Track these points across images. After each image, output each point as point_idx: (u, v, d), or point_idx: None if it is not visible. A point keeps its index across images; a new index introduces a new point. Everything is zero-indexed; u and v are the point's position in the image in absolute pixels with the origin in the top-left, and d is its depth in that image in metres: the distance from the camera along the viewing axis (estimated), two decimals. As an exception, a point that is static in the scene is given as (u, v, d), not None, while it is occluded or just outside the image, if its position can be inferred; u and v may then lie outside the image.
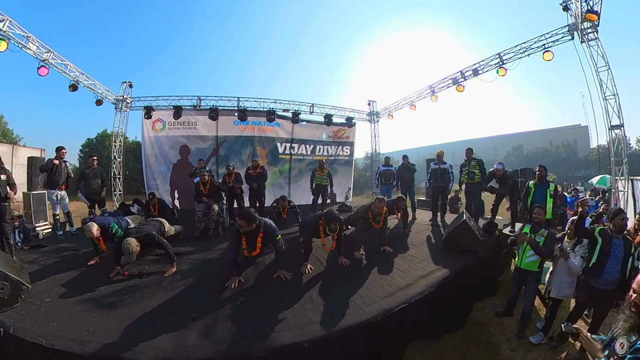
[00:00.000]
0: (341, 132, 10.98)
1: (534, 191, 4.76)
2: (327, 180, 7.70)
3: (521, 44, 7.59)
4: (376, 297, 2.93)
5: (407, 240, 4.87)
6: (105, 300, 2.90)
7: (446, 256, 4.02)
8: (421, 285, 3.15)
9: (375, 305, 2.77)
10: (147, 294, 3.03)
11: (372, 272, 3.57)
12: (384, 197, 4.49)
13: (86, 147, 22.53)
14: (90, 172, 6.08)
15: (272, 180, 10.37)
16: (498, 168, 5.54)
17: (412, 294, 2.98)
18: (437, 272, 3.51)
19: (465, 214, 4.54)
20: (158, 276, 3.44)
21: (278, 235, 3.39)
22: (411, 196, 7.06)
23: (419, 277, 3.36)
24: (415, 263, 3.83)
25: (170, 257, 3.62)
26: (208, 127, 9.92)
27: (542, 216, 3.69)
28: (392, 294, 2.99)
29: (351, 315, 2.61)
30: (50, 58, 7.26)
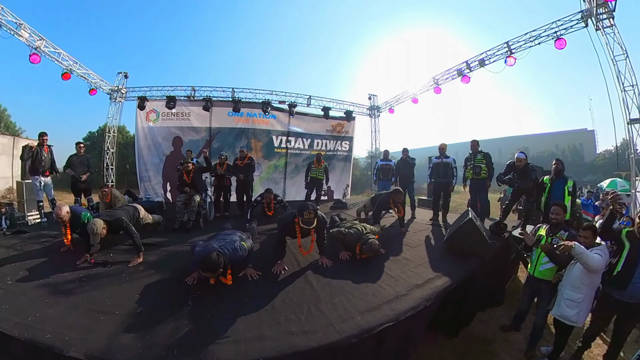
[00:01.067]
0: (340, 127, 10.34)
1: (550, 187, 4.07)
2: (323, 174, 7.18)
3: (531, 32, 6.89)
4: (355, 310, 2.31)
5: (402, 240, 4.20)
6: (62, 286, 2.73)
7: (448, 261, 3.38)
8: (415, 298, 2.51)
9: (352, 322, 2.15)
10: (104, 283, 2.82)
11: (356, 278, 2.94)
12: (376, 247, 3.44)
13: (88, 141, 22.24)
14: (77, 160, 5.90)
15: (266, 174, 9.88)
16: (520, 157, 4.62)
17: (401, 309, 2.34)
18: (436, 280, 2.87)
19: (471, 212, 3.87)
20: (122, 266, 3.19)
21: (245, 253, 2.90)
22: (410, 193, 6.41)
23: (413, 287, 2.72)
24: (411, 268, 3.18)
25: (137, 246, 3.39)
26: (202, 119, 9.47)
27: (562, 215, 3.06)
28: (376, 307, 2.36)
29: (317, 333, 2.02)
30: (42, 46, 7.01)
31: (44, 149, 5.38)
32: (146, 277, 2.97)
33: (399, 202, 4.58)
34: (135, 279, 2.90)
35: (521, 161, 4.58)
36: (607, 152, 37.18)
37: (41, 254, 3.53)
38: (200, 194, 5.34)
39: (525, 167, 4.60)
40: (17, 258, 3.36)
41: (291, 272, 3.06)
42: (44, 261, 3.32)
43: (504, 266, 4.08)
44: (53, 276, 2.90)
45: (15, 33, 6.49)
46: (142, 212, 4.26)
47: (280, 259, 3.15)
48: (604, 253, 2.59)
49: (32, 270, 3.07)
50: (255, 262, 3.05)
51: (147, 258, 3.40)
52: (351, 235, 3.57)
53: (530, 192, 4.63)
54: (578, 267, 2.60)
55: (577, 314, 2.60)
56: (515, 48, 7.02)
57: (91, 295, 2.56)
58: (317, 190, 7.24)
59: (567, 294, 2.66)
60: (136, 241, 3.40)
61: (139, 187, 9.61)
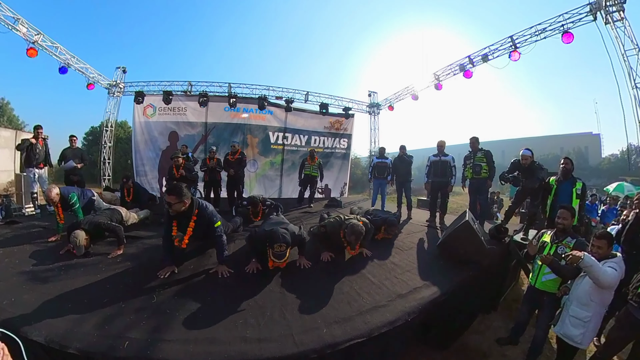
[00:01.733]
0: (338, 124, 9.97)
1: (557, 189, 3.65)
2: (317, 171, 6.84)
3: (536, 26, 6.45)
4: (322, 321, 1.99)
5: (393, 242, 3.84)
6: (41, 275, 2.74)
7: (440, 268, 3.00)
8: (394, 311, 2.15)
9: (315, 333, 1.86)
10: (80, 272, 2.81)
11: (333, 283, 2.60)
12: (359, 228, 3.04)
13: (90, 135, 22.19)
14: (70, 152, 5.88)
15: (263, 171, 9.59)
16: (525, 154, 4.07)
17: (376, 322, 1.99)
18: (423, 290, 2.50)
19: (469, 214, 3.49)
20: (102, 257, 3.16)
21: (217, 222, 2.86)
22: (407, 192, 6.04)
23: (395, 297, 2.36)
24: (397, 274, 2.81)
25: (119, 239, 3.41)
26: (198, 114, 9.25)
27: (569, 220, 2.66)
28: (347, 319, 2.03)
29: (272, 343, 1.81)
30: (40, 40, 6.98)
31: (39, 142, 5.41)
32: (121, 268, 2.93)
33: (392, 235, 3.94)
34: (110, 270, 2.86)
35: (527, 159, 4.06)
36: (613, 156, 36.31)
37: (29, 243, 3.57)
38: (189, 188, 5.19)
39: (531, 165, 4.07)
40: (6, 246, 3.39)
41: (264, 272, 2.78)
42: (31, 250, 3.34)
43: (503, 274, 3.68)
44: (36, 265, 2.94)
45: (13, 28, 6.45)
46: (124, 214, 4.17)
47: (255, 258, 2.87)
48: (620, 267, 2.19)
49: (18, 258, 3.11)
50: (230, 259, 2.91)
51: (127, 250, 3.35)
52: (332, 224, 3.24)
53: (536, 194, 4.15)
54: (587, 281, 2.21)
55: (582, 335, 2.23)
56: (520, 43, 6.59)
57: (65, 284, 2.56)
58: (310, 188, 6.92)
59: (573, 310, 2.28)
60: (118, 234, 3.42)
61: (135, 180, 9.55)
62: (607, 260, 2.23)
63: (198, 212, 2.76)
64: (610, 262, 2.21)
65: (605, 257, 2.26)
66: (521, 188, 4.34)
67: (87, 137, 22.26)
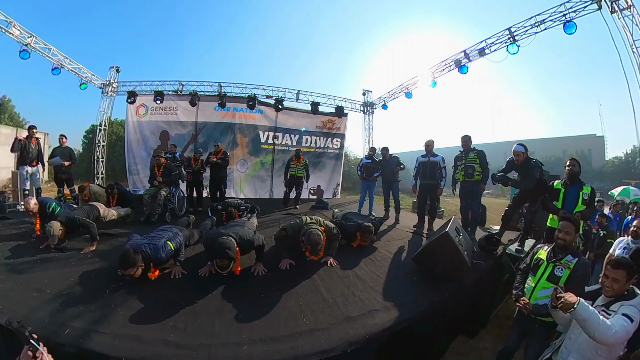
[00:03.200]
0: (331, 123, 9.41)
1: (564, 194, 3.02)
2: (303, 171, 6.43)
3: (535, 16, 5.78)
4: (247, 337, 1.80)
5: (368, 249, 3.28)
6: (18, 266, 2.82)
7: (411, 285, 2.45)
8: (331, 338, 1.72)
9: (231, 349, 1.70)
10: (52, 266, 2.89)
11: (280, 294, 2.27)
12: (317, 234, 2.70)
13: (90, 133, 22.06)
14: (59, 151, 5.94)
15: (253, 171, 9.13)
16: (517, 150, 3.55)
17: (305, 349, 1.63)
18: (380, 314, 1.98)
19: (453, 223, 2.89)
20: (76, 252, 3.20)
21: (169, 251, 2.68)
22: (394, 193, 5.48)
23: (341, 320, 1.89)
24: (356, 291, 2.29)
25: (92, 235, 3.41)
26: (188, 113, 8.88)
27: (572, 236, 2.06)
28: (274, 339, 1.73)
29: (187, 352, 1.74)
30: (32, 42, 6.91)
31: (32, 141, 5.49)
32: (90, 264, 2.97)
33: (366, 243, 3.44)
34: (79, 265, 2.92)
35: (519, 155, 3.53)
36: (617, 158, 34.86)
37: (14, 237, 3.64)
38: (169, 187, 5.10)
39: (525, 163, 3.53)
40: None
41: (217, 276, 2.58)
42: (14, 245, 3.41)
43: (492, 290, 3.07)
44: (15, 258, 3.01)
45: (6, 31, 6.40)
46: (102, 210, 4.14)
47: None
48: (635, 315, 1.52)
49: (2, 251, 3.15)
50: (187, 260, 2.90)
51: (100, 247, 3.39)
52: (292, 227, 2.86)
53: (534, 197, 3.55)
54: None
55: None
56: (519, 35, 5.93)
57: (35, 275, 2.65)
58: (296, 189, 6.53)
59: None
60: (92, 231, 3.42)
61: (127, 179, 9.26)
62: (623, 303, 1.58)
63: (153, 264, 2.59)
64: (627, 307, 1.55)
65: (621, 294, 1.63)
66: (519, 190, 3.75)
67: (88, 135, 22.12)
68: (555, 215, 2.99)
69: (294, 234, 2.79)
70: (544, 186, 3.39)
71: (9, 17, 6.39)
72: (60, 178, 6.09)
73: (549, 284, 1.96)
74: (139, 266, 2.43)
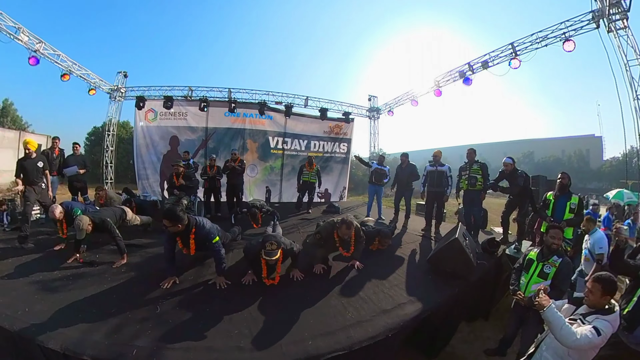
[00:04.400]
0: (338, 128, 9.97)
1: (554, 204, 3.63)
2: (315, 177, 6.92)
3: (537, 33, 6.38)
4: (308, 333, 2.15)
5: (386, 253, 3.85)
6: (51, 284, 2.86)
7: (427, 282, 3.02)
8: (377, 326, 2.23)
9: (301, 345, 2.03)
10: (87, 282, 2.94)
11: (323, 295, 2.70)
12: (351, 220, 3.23)
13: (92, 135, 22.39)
14: (73, 159, 6.05)
15: (263, 176, 9.61)
16: (506, 162, 4.42)
17: (358, 337, 2.10)
18: (407, 306, 2.52)
19: (460, 229, 3.47)
20: (107, 266, 3.29)
21: (215, 238, 2.95)
22: (407, 200, 6.00)
23: (379, 312, 2.41)
24: (384, 289, 2.83)
25: (120, 248, 3.48)
26: (198, 118, 9.32)
27: (559, 241, 2.61)
28: (331, 332, 2.16)
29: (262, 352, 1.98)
30: (41, 48, 7.09)
31: (55, 152, 5.82)
32: (126, 278, 3.04)
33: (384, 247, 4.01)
34: (115, 280, 2.98)
35: (507, 166, 4.36)
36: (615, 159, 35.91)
37: (35, 250, 3.68)
38: (189, 196, 5.35)
39: (513, 172, 4.35)
40: (13, 253, 3.52)
41: (260, 283, 2.92)
42: (38, 258, 3.47)
43: (493, 286, 3.67)
44: (44, 273, 3.04)
45: (15, 37, 6.56)
46: (130, 215, 4.28)
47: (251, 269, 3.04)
48: (606, 329, 1.71)
49: (26, 266, 3.23)
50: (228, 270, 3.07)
51: (131, 259, 3.45)
52: (325, 227, 3.31)
53: (522, 200, 4.30)
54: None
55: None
56: (521, 50, 6.52)
57: (74, 294, 2.68)
58: (309, 194, 6.98)
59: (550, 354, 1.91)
60: (119, 244, 3.48)
61: (137, 183, 9.57)
62: (599, 316, 1.77)
63: (195, 230, 2.91)
64: (600, 321, 1.74)
65: (601, 308, 1.82)
66: (503, 192, 4.52)
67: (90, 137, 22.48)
68: (545, 221, 3.60)
69: (327, 234, 3.24)
70: (529, 193, 4.21)
71: (17, 23, 6.55)
72: (75, 186, 6.19)
73: (540, 279, 2.53)
74: (183, 224, 2.73)
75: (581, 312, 1.88)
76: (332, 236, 3.24)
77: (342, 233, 3.17)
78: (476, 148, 5.17)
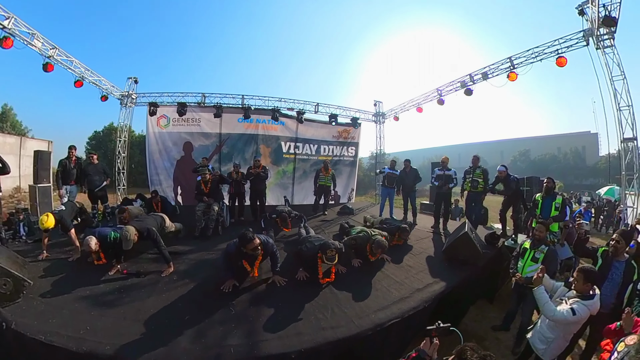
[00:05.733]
0: (346, 133, 10.81)
1: (542, 203, 4.58)
2: (331, 181, 7.74)
3: (533, 49, 7.32)
4: (369, 309, 2.85)
5: (406, 247, 4.73)
6: (103, 298, 2.92)
7: (445, 268, 3.91)
8: (416, 300, 3.07)
9: (367, 318, 2.70)
10: (143, 293, 3.04)
11: (367, 282, 3.48)
12: (384, 244, 4.04)
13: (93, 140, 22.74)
14: (92, 169, 6.20)
15: (275, 180, 10.28)
16: (500, 170, 5.52)
17: (405, 308, 2.91)
18: (434, 285, 3.40)
19: (467, 225, 4.40)
20: (155, 276, 3.45)
21: (275, 247, 3.41)
22: (412, 201, 6.95)
23: (414, 290, 3.26)
24: (413, 274, 3.71)
25: (166, 257, 3.61)
26: (212, 125, 9.82)
27: (544, 233, 3.52)
28: (385, 307, 2.92)
29: (341, 328, 2.56)
30: (55, 54, 7.28)
31: (72, 161, 6.01)
32: (182, 286, 3.24)
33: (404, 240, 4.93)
34: (172, 289, 3.17)
35: (502, 173, 5.48)
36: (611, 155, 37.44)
37: (68, 264, 3.71)
38: (219, 202, 5.72)
39: (505, 177, 5.45)
40: (45, 268, 3.52)
41: (310, 281, 3.49)
42: (75, 272, 3.49)
43: (496, 272, 4.59)
44: (89, 287, 3.09)
45: (29, 43, 6.68)
46: (168, 222, 4.54)
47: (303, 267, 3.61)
48: (582, 311, 2.26)
49: (65, 281, 3.24)
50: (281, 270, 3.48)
51: (178, 267, 3.64)
52: (361, 238, 4.12)
53: (514, 201, 5.45)
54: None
55: (544, 350, 2.52)
56: (518, 64, 7.45)
57: (135, 306, 2.78)
58: (325, 197, 7.75)
59: (541, 327, 2.57)
60: (164, 253, 3.61)
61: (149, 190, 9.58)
62: (579, 300, 2.32)
63: (263, 249, 3.25)
64: (579, 304, 2.29)
65: (585, 294, 2.35)
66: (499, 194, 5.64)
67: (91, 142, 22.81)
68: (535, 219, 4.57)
69: (362, 243, 4.08)
70: (520, 194, 5.42)
71: (32, 29, 6.61)
72: (96, 195, 6.32)
73: (532, 263, 3.43)
74: (259, 245, 3.02)
75: (569, 295, 2.48)
76: (365, 247, 4.06)
77: (374, 249, 3.98)
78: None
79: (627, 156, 6.48)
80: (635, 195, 6.27)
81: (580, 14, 6.64)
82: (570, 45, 6.90)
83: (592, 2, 6.22)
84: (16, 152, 14.79)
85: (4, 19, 6.06)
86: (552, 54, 7.09)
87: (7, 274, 2.82)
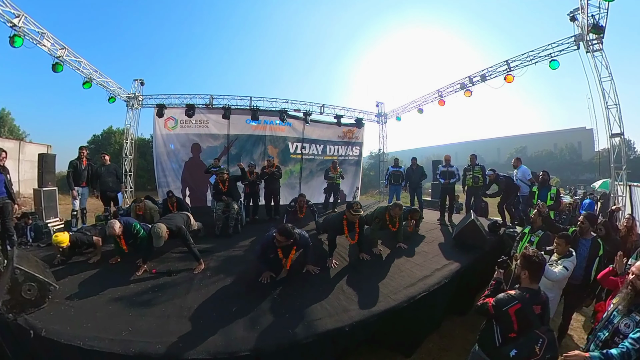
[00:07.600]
0: (350, 133, 11.46)
1: (538, 194, 5.32)
2: (340, 179, 8.30)
3: (528, 52, 8.12)
4: (400, 286, 3.44)
5: (418, 237, 5.41)
6: (138, 298, 2.95)
7: (456, 251, 4.58)
8: (437, 277, 3.70)
9: (400, 293, 3.27)
10: (180, 291, 3.13)
11: (392, 266, 4.09)
12: (400, 203, 4.74)
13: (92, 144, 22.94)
14: (104, 170, 6.26)
15: (283, 180, 10.58)
16: (489, 174, 6.54)
17: (430, 283, 3.52)
18: (450, 265, 4.06)
19: (473, 214, 5.10)
20: (187, 273, 3.58)
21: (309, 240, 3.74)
22: (419, 196, 7.66)
23: (434, 270, 3.90)
24: (430, 258, 4.37)
25: (195, 255, 3.76)
26: (220, 126, 10.23)
27: (539, 221, 4.18)
28: (413, 284, 3.52)
29: (381, 302, 3.09)
30: (64, 55, 7.39)
31: (83, 162, 6.09)
32: (219, 281, 3.37)
33: (416, 219, 5.63)
34: (210, 284, 3.29)
35: (491, 176, 6.52)
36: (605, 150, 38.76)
37: (88, 266, 3.73)
38: (237, 201, 6.04)
39: (495, 179, 6.47)
40: (66, 272, 3.50)
41: (340, 267, 3.96)
42: (98, 274, 3.50)
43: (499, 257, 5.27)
44: (118, 289, 3.10)
45: (39, 42, 6.72)
46: (192, 220, 4.75)
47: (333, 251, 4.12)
48: (569, 266, 3.03)
49: (91, 284, 3.22)
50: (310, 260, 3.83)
51: (208, 264, 3.81)
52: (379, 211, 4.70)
53: (508, 195, 6.28)
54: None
55: None
56: (514, 66, 8.23)
57: (175, 304, 2.84)
58: (334, 194, 8.31)
59: None
60: (194, 250, 3.75)
61: (157, 191, 10.33)
62: (564, 260, 3.09)
63: (298, 243, 3.51)
64: (566, 261, 3.07)
65: (565, 254, 3.14)
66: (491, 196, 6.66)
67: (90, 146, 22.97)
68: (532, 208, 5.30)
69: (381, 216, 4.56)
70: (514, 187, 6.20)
71: (42, 28, 6.65)
72: (109, 197, 6.45)
73: (529, 245, 4.10)
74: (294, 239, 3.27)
75: (554, 259, 3.25)
76: (385, 217, 4.66)
77: (394, 213, 4.57)
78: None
79: (615, 151, 7.27)
80: (623, 185, 7.08)
81: (571, 20, 7.44)
82: (563, 49, 7.72)
83: (582, 10, 6.99)
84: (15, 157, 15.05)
85: (14, 16, 6.14)
86: (546, 57, 7.89)
87: (31, 279, 2.70)
